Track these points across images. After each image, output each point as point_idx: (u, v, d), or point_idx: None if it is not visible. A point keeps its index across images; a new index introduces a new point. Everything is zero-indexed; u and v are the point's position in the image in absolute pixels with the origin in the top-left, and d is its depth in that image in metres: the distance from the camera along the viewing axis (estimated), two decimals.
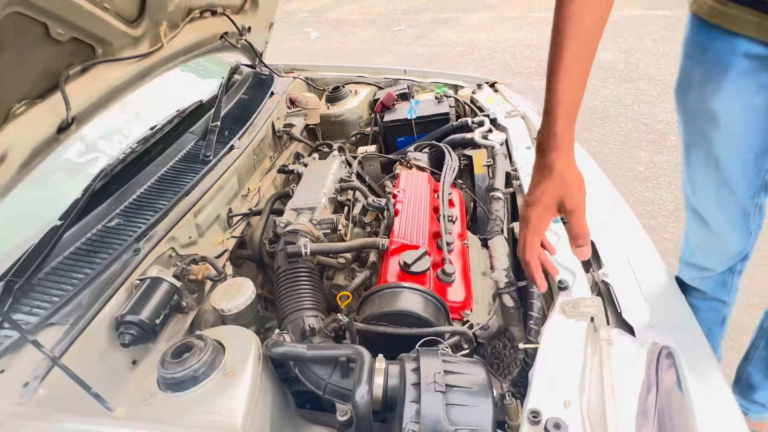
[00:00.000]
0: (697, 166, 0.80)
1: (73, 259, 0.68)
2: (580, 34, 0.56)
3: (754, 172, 0.75)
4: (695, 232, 0.89)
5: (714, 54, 0.69)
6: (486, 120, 1.19)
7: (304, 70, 1.56)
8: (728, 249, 0.85)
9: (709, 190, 0.80)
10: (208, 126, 1.03)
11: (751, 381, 0.99)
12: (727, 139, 0.73)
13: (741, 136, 0.72)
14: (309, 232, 0.78)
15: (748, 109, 0.69)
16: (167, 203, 0.80)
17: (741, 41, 0.66)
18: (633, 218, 0.99)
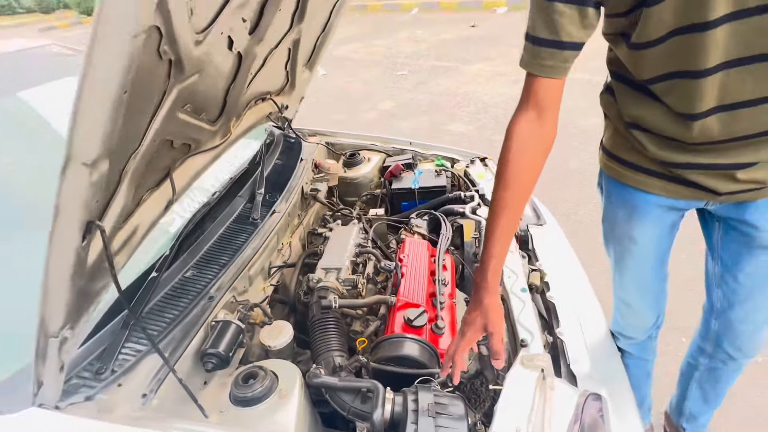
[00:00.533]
0: (623, 270, 1.12)
1: (164, 302, 0.92)
2: (516, 194, 0.84)
3: (661, 269, 1.07)
4: (622, 313, 1.21)
5: (632, 204, 1.00)
6: (476, 195, 1.46)
7: (325, 135, 1.84)
8: (646, 323, 1.17)
9: (632, 285, 1.13)
10: (254, 191, 1.29)
11: (693, 413, 1.28)
12: (644, 253, 1.05)
13: (653, 249, 1.05)
14: (336, 288, 1.03)
15: (659, 235, 1.02)
16: (228, 259, 1.04)
17: (652, 196, 0.96)
18: (588, 286, 1.25)
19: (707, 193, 0.91)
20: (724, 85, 0.76)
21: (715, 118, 0.80)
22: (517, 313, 1.04)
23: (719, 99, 0.78)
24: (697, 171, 0.88)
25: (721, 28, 0.71)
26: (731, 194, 0.89)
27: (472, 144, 3.71)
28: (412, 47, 7.39)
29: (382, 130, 4.22)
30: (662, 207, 0.97)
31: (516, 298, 1.08)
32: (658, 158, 0.91)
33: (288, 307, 1.18)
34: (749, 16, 0.70)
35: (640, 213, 1.00)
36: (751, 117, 0.78)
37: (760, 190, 0.87)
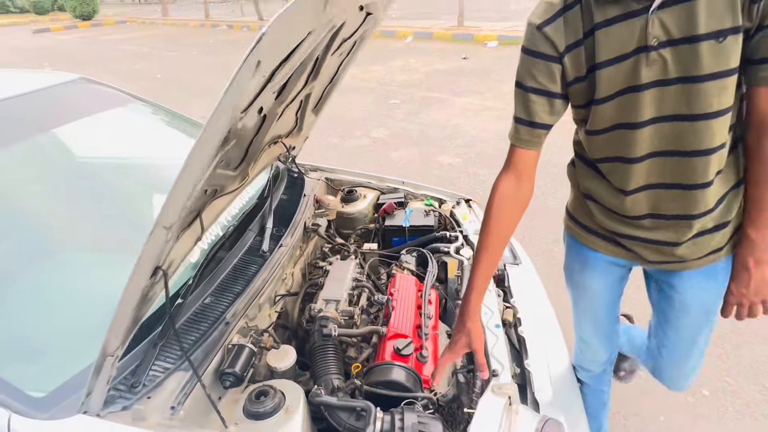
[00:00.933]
0: (580, 312, 1.33)
1: (187, 326, 1.06)
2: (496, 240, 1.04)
3: (612, 313, 1.28)
4: (581, 349, 1.40)
5: (586, 258, 1.22)
6: (460, 236, 1.63)
7: (325, 171, 2.00)
8: (601, 358, 1.36)
9: (587, 326, 1.33)
10: (263, 224, 1.44)
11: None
12: (596, 299, 1.26)
13: (603, 297, 1.25)
14: (335, 318, 1.18)
15: (609, 284, 1.23)
16: (241, 288, 1.19)
17: (599, 254, 1.17)
18: (555, 323, 1.42)
19: (640, 259, 1.12)
20: (649, 169, 0.97)
21: (642, 194, 1.01)
22: (491, 346, 1.20)
23: (646, 180, 0.99)
24: (631, 241, 1.09)
25: (648, 127, 0.93)
26: (658, 263, 1.10)
27: (458, 176, 3.92)
28: (405, 76, 7.66)
29: (375, 158, 4.41)
30: (608, 262, 1.19)
31: (491, 333, 1.24)
32: (603, 225, 1.13)
33: (290, 332, 1.32)
34: (667, 121, 0.91)
35: (591, 266, 1.22)
36: (669, 198, 0.99)
37: (682, 263, 1.07)
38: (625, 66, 0.88)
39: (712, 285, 1.09)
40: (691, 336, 1.19)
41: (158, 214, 0.61)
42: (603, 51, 0.89)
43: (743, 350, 2.06)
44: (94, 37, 17.10)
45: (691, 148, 0.92)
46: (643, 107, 0.91)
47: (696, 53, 0.83)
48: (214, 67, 9.61)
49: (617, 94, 0.92)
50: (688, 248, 1.04)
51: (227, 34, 15.81)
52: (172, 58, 11.09)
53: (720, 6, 0.80)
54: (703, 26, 0.81)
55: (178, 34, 16.24)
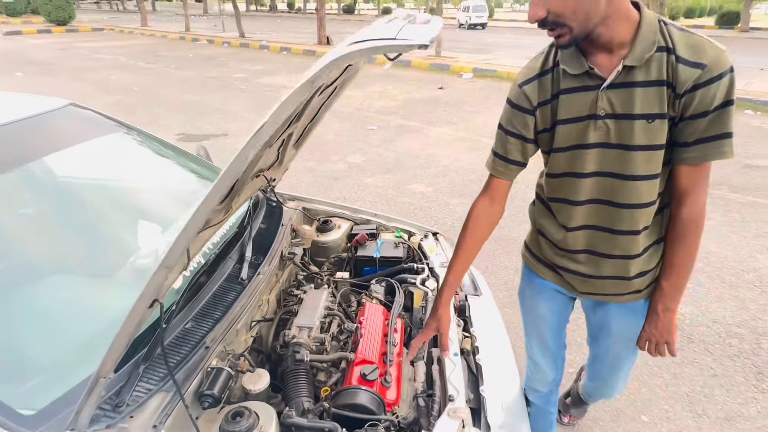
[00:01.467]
0: (530, 334, 1.51)
1: (169, 349, 1.13)
2: (469, 249, 1.29)
3: (559, 338, 1.51)
4: (531, 369, 1.57)
5: (536, 285, 1.41)
6: (426, 268, 1.76)
7: (302, 200, 2.11)
8: (547, 378, 1.54)
9: (536, 347, 1.52)
10: (242, 253, 1.53)
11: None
12: (545, 321, 1.48)
13: (550, 321, 1.46)
14: (308, 344, 1.28)
15: (555, 310, 1.46)
16: (221, 314, 1.27)
17: (546, 281, 1.37)
18: (510, 351, 1.56)
19: (574, 289, 1.34)
20: (587, 213, 1.19)
21: (581, 233, 1.22)
22: (449, 373, 1.32)
23: (584, 221, 1.20)
24: (567, 273, 1.31)
25: (590, 179, 1.14)
26: (588, 294, 1.32)
27: (430, 205, 4.09)
28: (382, 102, 7.90)
29: (350, 183, 4.54)
30: (553, 290, 1.39)
31: (449, 361, 1.36)
32: (548, 257, 1.34)
33: (264, 356, 1.41)
34: (605, 176, 1.12)
35: (539, 291, 1.43)
36: (600, 238, 1.20)
37: (606, 295, 1.29)
38: (578, 127, 1.09)
39: (632, 319, 1.30)
40: (617, 358, 1.42)
41: (164, 256, 0.71)
42: (563, 111, 1.10)
43: (681, 380, 2.25)
44: (69, 43, 16.82)
45: (621, 201, 1.12)
46: (588, 162, 1.12)
47: (631, 127, 1.03)
48: (193, 83, 9.64)
49: (570, 148, 1.13)
50: (613, 285, 1.24)
51: (207, 48, 15.85)
52: (150, 71, 11.05)
53: (652, 96, 1.01)
54: (638, 108, 1.02)
55: (156, 46, 16.16)
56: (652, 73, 0.99)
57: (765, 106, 7.70)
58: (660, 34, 0.99)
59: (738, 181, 4.67)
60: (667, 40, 0.99)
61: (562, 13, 0.94)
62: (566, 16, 0.94)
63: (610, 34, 0.98)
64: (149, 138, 1.91)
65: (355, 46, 0.78)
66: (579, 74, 1.05)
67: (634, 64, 0.99)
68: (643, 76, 1.00)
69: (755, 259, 3.29)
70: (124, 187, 1.65)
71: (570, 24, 0.95)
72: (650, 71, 0.99)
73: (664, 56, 0.98)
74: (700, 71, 0.96)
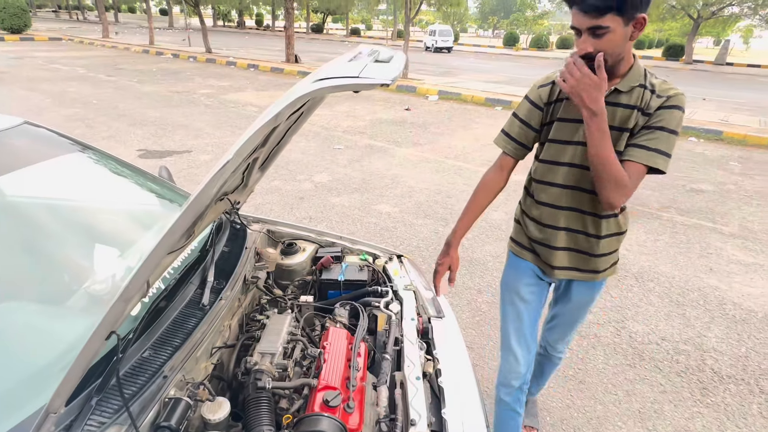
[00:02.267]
0: (509, 321, 1.74)
1: (124, 379, 1.10)
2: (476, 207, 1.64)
3: (534, 326, 1.70)
4: (506, 360, 1.75)
5: (520, 267, 1.71)
6: (390, 291, 1.79)
7: (266, 222, 2.11)
8: (521, 370, 1.71)
9: (514, 333, 1.72)
10: (203, 277, 1.51)
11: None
12: (524, 302, 1.69)
13: (530, 300, 1.69)
14: (270, 371, 1.27)
15: (533, 292, 1.69)
16: (180, 341, 1.25)
17: (527, 263, 1.68)
18: (471, 374, 1.59)
19: (548, 267, 1.61)
20: (562, 195, 1.50)
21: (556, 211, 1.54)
22: (411, 397, 1.34)
23: (559, 202, 1.52)
24: (542, 247, 1.60)
25: (569, 168, 1.46)
26: (559, 269, 1.59)
27: (395, 225, 4.14)
28: (350, 122, 7.98)
29: (316, 203, 4.54)
30: (532, 271, 1.67)
31: (411, 384, 1.38)
32: (530, 236, 1.63)
33: (225, 383, 1.38)
34: (579, 168, 1.44)
35: (522, 273, 1.69)
36: (573, 217, 1.52)
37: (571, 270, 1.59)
38: (571, 126, 1.43)
39: (588, 292, 1.67)
40: (572, 318, 1.78)
41: (123, 288, 0.70)
42: (563, 112, 1.45)
43: (633, 397, 2.35)
44: (24, 51, 16.17)
45: (589, 188, 1.44)
46: (571, 154, 1.45)
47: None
48: (156, 97, 9.43)
49: (560, 141, 1.46)
50: (581, 260, 1.57)
51: (172, 63, 15.59)
52: (111, 83, 10.74)
53: (627, 115, 1.35)
54: (616, 122, 1.36)
55: (118, 58, 15.76)
56: (632, 100, 1.34)
57: (707, 134, 8.28)
58: (643, 77, 1.36)
59: (684, 204, 4.98)
60: (647, 81, 1.35)
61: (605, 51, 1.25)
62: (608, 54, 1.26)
63: (617, 67, 1.33)
64: (107, 158, 1.87)
65: (319, 83, 0.82)
66: None
67: (622, 90, 1.34)
68: (626, 100, 1.34)
69: (699, 279, 3.50)
70: (80, 209, 1.60)
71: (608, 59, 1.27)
72: (631, 98, 1.34)
73: (643, 90, 1.34)
74: (662, 99, 1.31)
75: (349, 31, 43.18)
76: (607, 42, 1.23)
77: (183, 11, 25.43)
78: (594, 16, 1.21)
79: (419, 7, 14.32)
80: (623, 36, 1.24)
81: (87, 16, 45.56)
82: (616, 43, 1.24)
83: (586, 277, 1.60)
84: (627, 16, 1.21)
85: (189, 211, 0.76)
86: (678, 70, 22.43)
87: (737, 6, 23.47)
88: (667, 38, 35.76)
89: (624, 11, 1.20)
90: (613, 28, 1.21)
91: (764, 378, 2.51)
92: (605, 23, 1.21)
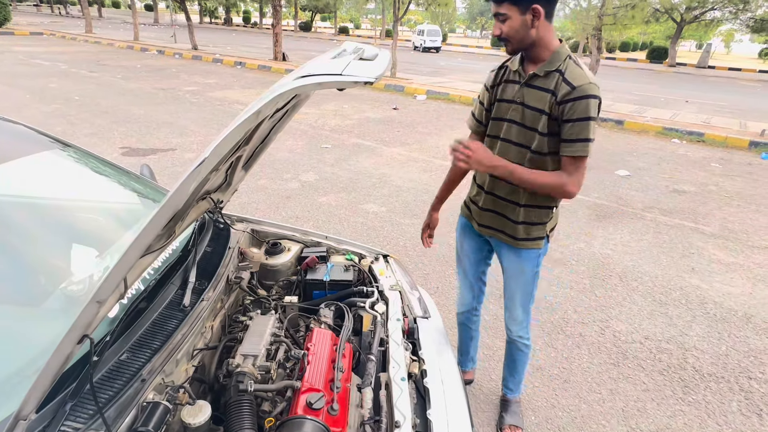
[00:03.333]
0: (458, 264, 2.13)
1: (100, 383, 1.07)
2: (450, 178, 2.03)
3: (476, 271, 2.08)
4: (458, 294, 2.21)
5: (461, 224, 2.05)
6: (375, 291, 1.77)
7: (250, 222, 2.08)
8: (467, 301, 2.17)
9: (460, 274, 2.13)
10: (185, 277, 1.48)
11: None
12: (465, 254, 2.06)
13: (469, 252, 2.04)
14: (252, 374, 1.25)
15: (474, 246, 2.02)
16: (160, 343, 1.22)
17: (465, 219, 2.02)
18: (457, 374, 1.59)
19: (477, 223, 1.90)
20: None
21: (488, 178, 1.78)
22: (395, 398, 1.32)
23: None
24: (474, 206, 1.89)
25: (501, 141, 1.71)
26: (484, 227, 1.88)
27: (382, 225, 4.12)
28: (337, 121, 7.94)
29: (303, 202, 4.50)
30: (469, 228, 1.97)
31: (396, 386, 1.37)
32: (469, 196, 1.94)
33: (206, 386, 1.35)
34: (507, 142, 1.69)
35: (463, 229, 2.03)
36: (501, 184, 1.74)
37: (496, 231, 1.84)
38: (505, 105, 1.68)
39: (516, 259, 1.84)
40: (510, 289, 1.92)
41: (96, 289, 0.68)
42: (502, 93, 1.70)
43: (617, 395, 2.38)
44: (4, 46, 15.79)
45: (515, 161, 1.63)
46: (503, 130, 1.70)
47: (528, 113, 1.61)
48: (140, 94, 9.28)
49: (498, 119, 1.71)
50: (503, 223, 1.79)
51: (157, 59, 15.36)
52: (93, 79, 10.54)
53: (541, 97, 1.56)
54: (533, 103, 1.59)
55: (102, 54, 15.48)
56: (547, 84, 1.54)
57: (690, 136, 8.42)
58: (562, 62, 1.53)
59: (666, 204, 5.05)
60: (563, 67, 1.52)
61: (507, 35, 1.52)
62: (510, 37, 1.53)
63: (534, 53, 1.57)
64: (87, 155, 1.82)
65: (301, 80, 0.80)
66: (515, 71, 1.65)
67: (539, 74, 1.56)
68: (541, 83, 1.56)
69: (682, 278, 3.55)
70: (57, 207, 1.56)
71: (512, 41, 1.54)
72: (546, 82, 1.55)
73: (557, 75, 1.52)
74: (570, 89, 1.49)
75: (338, 30, 43.03)
76: (508, 27, 1.49)
77: (169, 7, 25.06)
78: (496, 4, 1.48)
79: (408, 7, 14.31)
80: (522, 23, 1.48)
81: (69, 11, 44.64)
82: (516, 29, 1.49)
83: (508, 240, 1.81)
84: (522, 6, 1.45)
85: (164, 210, 0.74)
86: (661, 72, 22.80)
87: (719, 10, 23.94)
88: (650, 41, 36.34)
89: (518, 1, 1.44)
90: (510, 15, 1.47)
91: (744, 376, 2.55)
92: (503, 10, 1.47)
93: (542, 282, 3.35)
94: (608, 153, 7.01)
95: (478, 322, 2.24)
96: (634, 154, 7.12)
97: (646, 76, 20.16)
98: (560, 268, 3.59)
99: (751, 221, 4.72)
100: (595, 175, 5.86)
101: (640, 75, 20.77)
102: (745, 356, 2.72)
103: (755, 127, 9.19)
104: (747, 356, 2.72)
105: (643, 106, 11.03)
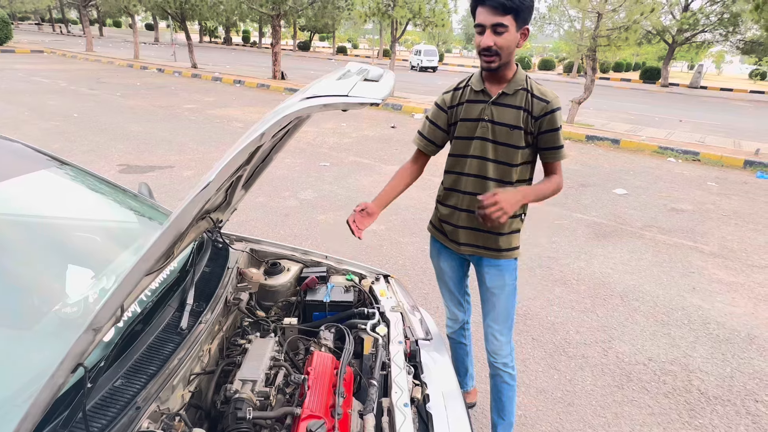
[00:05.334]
0: (440, 285, 2.09)
1: (93, 412, 1.03)
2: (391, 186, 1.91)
3: (460, 288, 2.06)
4: (447, 312, 2.17)
5: (437, 248, 2.00)
6: (376, 313, 1.74)
7: (250, 241, 2.05)
8: (457, 318, 2.14)
9: (445, 295, 2.10)
10: (182, 299, 1.44)
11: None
12: (446, 275, 2.02)
13: (451, 274, 2.01)
14: (250, 400, 1.21)
15: (452, 266, 1.99)
16: (156, 369, 1.18)
17: (442, 244, 1.96)
18: (460, 398, 1.54)
19: (455, 243, 1.87)
20: (467, 181, 1.75)
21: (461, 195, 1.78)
22: (398, 425, 1.28)
23: (465, 187, 1.76)
24: (451, 227, 1.85)
25: (472, 159, 1.72)
26: (464, 245, 1.84)
27: (381, 243, 4.10)
28: (336, 139, 7.97)
29: (301, 220, 4.48)
30: (447, 250, 1.94)
31: (399, 412, 1.33)
32: (440, 217, 1.89)
33: (203, 412, 1.30)
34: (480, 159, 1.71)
35: (439, 252, 1.99)
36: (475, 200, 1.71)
37: (478, 248, 1.82)
38: (471, 124, 1.71)
39: (497, 273, 1.83)
40: (491, 302, 1.89)
41: (93, 317, 0.65)
42: (464, 113, 1.72)
43: (622, 419, 2.32)
44: (4, 64, 15.90)
45: (489, 176, 1.71)
46: (473, 148, 1.71)
47: (501, 130, 1.66)
48: (140, 111, 9.32)
49: (464, 138, 1.73)
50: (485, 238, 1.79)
51: (157, 77, 15.49)
52: (93, 97, 10.59)
53: (514, 114, 1.64)
54: (506, 119, 1.64)
55: (102, 72, 15.60)
56: (517, 101, 1.63)
57: (685, 155, 8.49)
58: (525, 81, 1.63)
59: (665, 223, 5.05)
60: (528, 86, 1.63)
61: (500, 47, 1.52)
62: (502, 50, 1.53)
63: (503, 73, 1.63)
64: (84, 174, 1.80)
65: (307, 101, 0.79)
66: (478, 91, 1.68)
67: (508, 92, 1.63)
68: (511, 101, 1.63)
69: (683, 298, 3.53)
70: (54, 227, 1.53)
71: (502, 55, 1.54)
72: (515, 99, 1.63)
73: (525, 93, 1.63)
74: (545, 104, 1.60)
75: (336, 50, 43.64)
76: (503, 39, 1.50)
77: (169, 26, 25.41)
78: (500, 13, 1.46)
79: (405, 28, 14.55)
80: (514, 39, 1.52)
81: (71, 30, 45.16)
82: (509, 43, 1.51)
83: (489, 254, 1.82)
84: (520, 22, 1.49)
85: (167, 234, 0.71)
86: (654, 92, 23.14)
87: (710, 32, 24.46)
88: (643, 62, 37.00)
89: (519, 17, 1.48)
90: (509, 29, 1.48)
91: (750, 399, 2.51)
92: (505, 21, 1.47)
93: (542, 301, 3.33)
94: (605, 171, 7.05)
95: (470, 337, 2.24)
96: (631, 172, 7.15)
97: (640, 96, 20.45)
98: (561, 287, 3.56)
99: (750, 240, 4.72)
100: (593, 193, 5.88)
101: (634, 95, 21.08)
102: (751, 378, 2.68)
103: (749, 147, 9.29)
104: (752, 378, 2.68)
105: (638, 125, 11.14)
